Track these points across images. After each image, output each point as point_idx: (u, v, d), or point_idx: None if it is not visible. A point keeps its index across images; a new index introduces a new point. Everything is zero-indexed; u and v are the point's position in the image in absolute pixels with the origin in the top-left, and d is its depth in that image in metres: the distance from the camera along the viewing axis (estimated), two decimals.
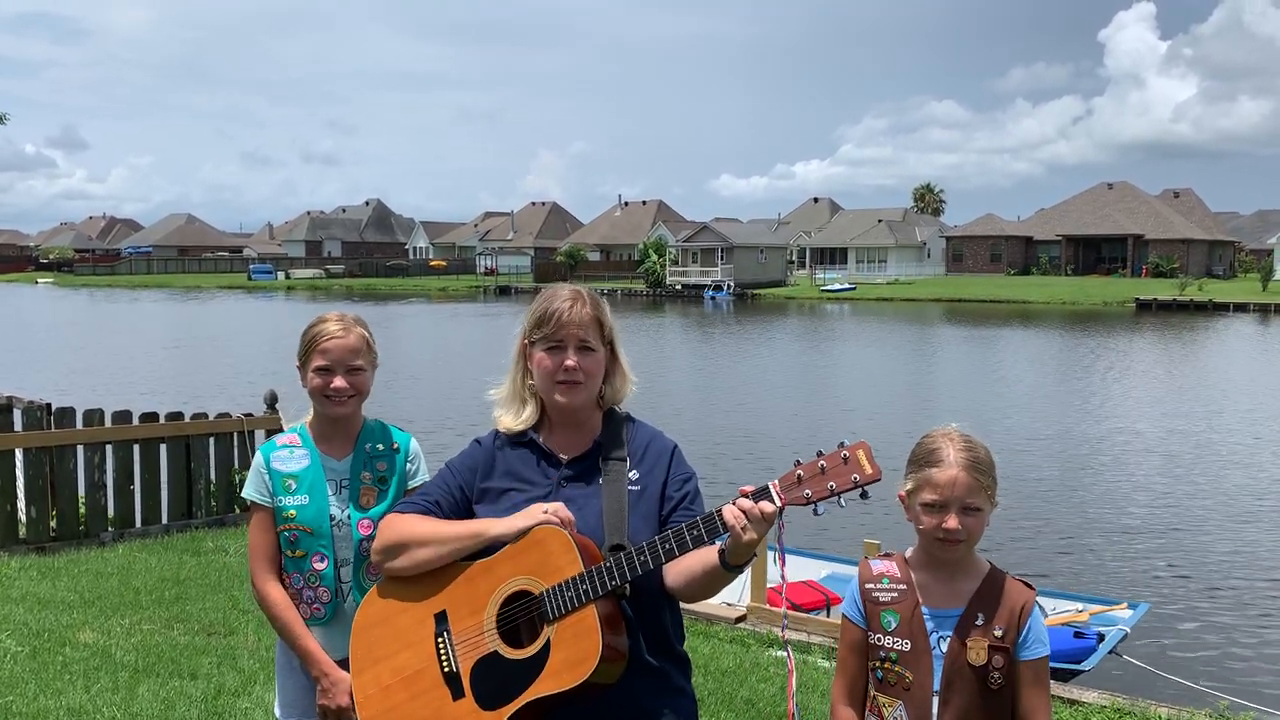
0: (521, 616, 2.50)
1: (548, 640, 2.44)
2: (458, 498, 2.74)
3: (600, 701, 2.47)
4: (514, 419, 2.74)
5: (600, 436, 2.72)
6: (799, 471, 2.35)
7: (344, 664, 3.02)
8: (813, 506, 2.34)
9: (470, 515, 2.71)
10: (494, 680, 2.49)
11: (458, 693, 2.53)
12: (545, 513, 2.50)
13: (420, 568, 2.63)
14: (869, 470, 2.31)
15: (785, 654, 6.81)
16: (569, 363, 2.62)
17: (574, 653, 2.40)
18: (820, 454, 2.35)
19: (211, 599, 7.23)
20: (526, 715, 2.46)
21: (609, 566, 2.43)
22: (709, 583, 2.48)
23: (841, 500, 2.33)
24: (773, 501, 2.33)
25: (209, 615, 6.87)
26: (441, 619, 2.59)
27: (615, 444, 2.70)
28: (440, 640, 2.58)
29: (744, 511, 2.32)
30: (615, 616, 2.45)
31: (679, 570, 2.51)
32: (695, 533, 2.40)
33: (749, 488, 2.36)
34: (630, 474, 2.66)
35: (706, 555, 2.43)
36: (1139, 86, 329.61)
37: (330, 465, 3.14)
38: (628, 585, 2.47)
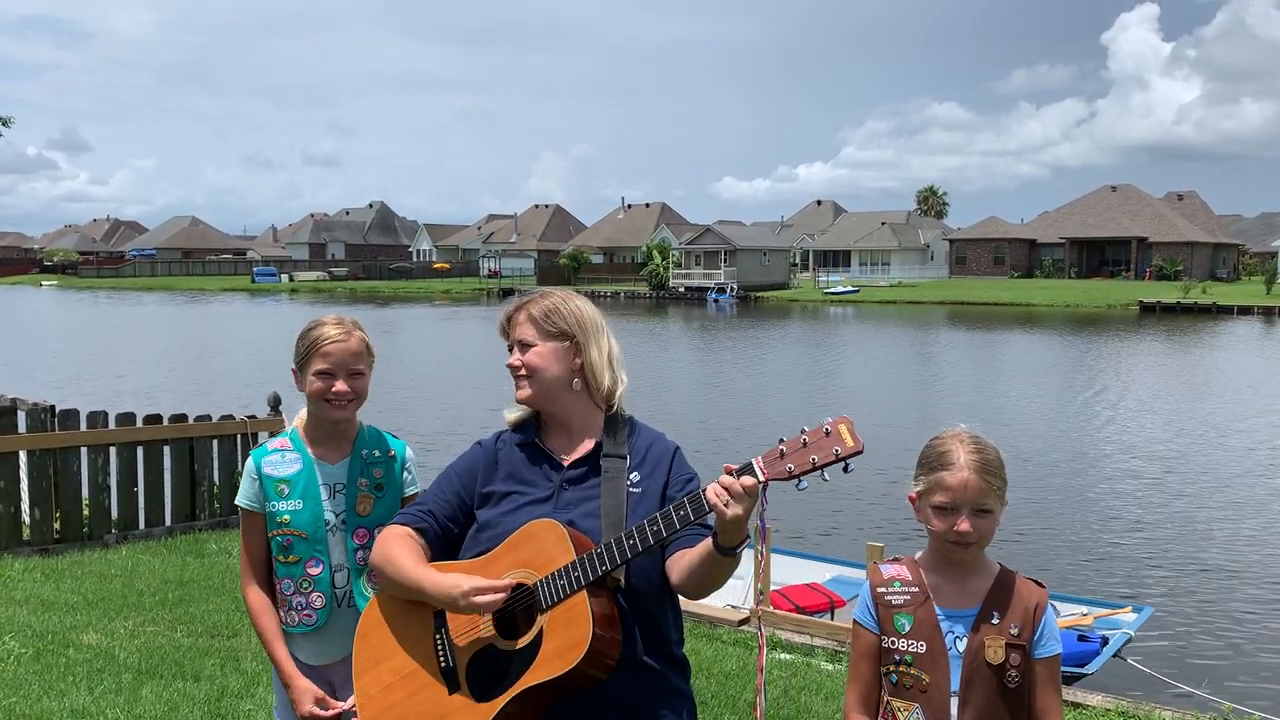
0: (518, 608, 2.51)
1: (541, 629, 2.45)
2: (454, 504, 2.75)
3: (597, 699, 2.47)
4: (511, 413, 2.84)
5: (600, 438, 2.73)
6: (782, 447, 2.34)
7: (334, 668, 3.10)
8: (796, 480, 2.32)
9: (470, 521, 2.73)
10: (489, 672, 2.51)
11: (453, 687, 2.54)
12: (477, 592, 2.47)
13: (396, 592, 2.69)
14: (850, 443, 2.28)
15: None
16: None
17: (565, 639, 2.40)
18: (804, 430, 2.34)
19: (215, 601, 7.24)
20: (523, 708, 2.45)
21: (599, 552, 2.44)
22: (708, 572, 2.46)
23: (824, 474, 2.31)
24: (754, 476, 2.32)
25: (212, 617, 6.87)
26: (440, 617, 2.60)
27: (615, 445, 2.70)
28: (438, 637, 2.60)
29: (725, 487, 2.31)
30: (608, 605, 2.46)
31: (681, 566, 2.52)
32: (681, 512, 2.40)
33: (733, 466, 2.36)
34: (631, 475, 2.66)
35: (703, 545, 2.43)
36: (1142, 89, 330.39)
37: (324, 469, 3.13)
38: (620, 571, 2.47)
